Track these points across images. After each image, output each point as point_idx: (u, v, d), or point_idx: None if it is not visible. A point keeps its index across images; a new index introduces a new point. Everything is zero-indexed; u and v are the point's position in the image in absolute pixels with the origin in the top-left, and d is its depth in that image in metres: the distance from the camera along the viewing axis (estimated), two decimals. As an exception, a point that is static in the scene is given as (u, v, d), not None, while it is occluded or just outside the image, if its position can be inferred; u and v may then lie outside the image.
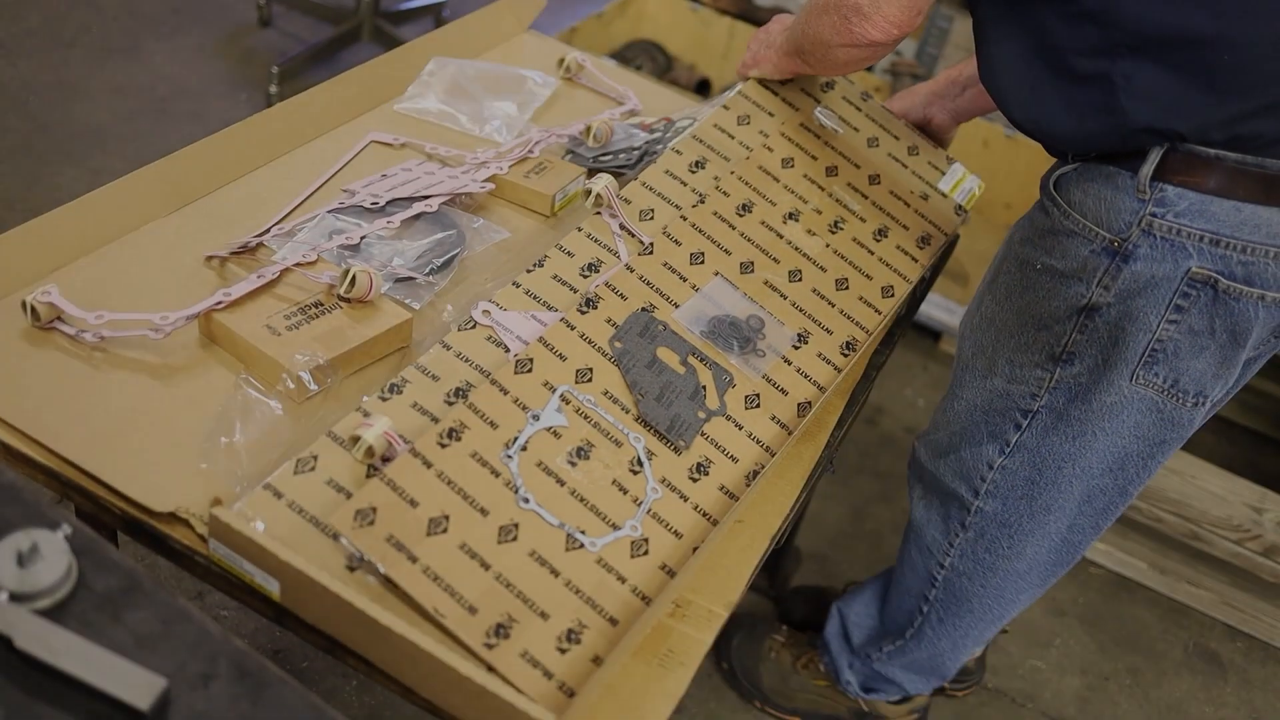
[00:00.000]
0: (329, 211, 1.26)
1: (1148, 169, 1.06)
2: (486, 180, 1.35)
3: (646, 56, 2.85)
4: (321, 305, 1.12)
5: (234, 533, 0.86)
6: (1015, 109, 1.17)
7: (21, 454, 0.97)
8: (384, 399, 0.99)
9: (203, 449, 0.99)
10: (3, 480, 0.74)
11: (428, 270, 1.21)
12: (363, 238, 1.22)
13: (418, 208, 1.27)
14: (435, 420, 0.99)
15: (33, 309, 1.05)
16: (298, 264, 1.15)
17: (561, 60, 1.67)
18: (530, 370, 1.03)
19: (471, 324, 1.07)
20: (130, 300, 1.12)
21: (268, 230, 1.23)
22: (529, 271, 1.13)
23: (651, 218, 1.23)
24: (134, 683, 0.64)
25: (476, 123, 1.51)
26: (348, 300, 1.12)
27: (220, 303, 1.09)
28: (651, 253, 1.18)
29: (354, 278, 1.11)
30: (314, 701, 0.68)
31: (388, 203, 1.28)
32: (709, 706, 1.72)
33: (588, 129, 1.46)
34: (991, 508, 1.33)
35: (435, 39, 1.66)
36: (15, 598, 0.67)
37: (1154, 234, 1.07)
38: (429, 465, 0.93)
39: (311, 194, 1.32)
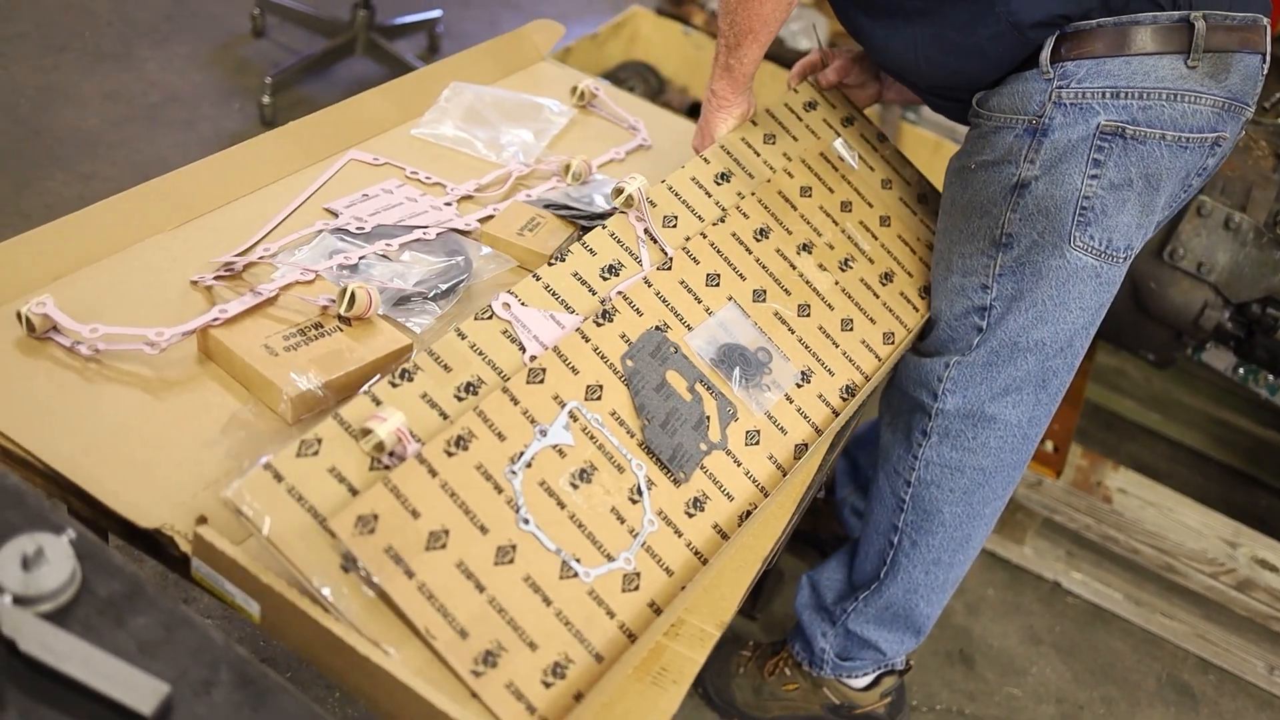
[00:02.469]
0: (331, 231, 1.26)
1: (1045, 54, 1.19)
2: (479, 219, 1.35)
3: (639, 78, 2.87)
4: (321, 327, 1.12)
5: (217, 553, 0.86)
6: (927, 75, 1.30)
7: (19, 457, 0.96)
8: (394, 385, 0.97)
9: (194, 467, 0.99)
10: (6, 484, 0.74)
11: (431, 295, 1.21)
12: (361, 258, 1.22)
13: (418, 234, 1.27)
14: (443, 415, 0.97)
15: (27, 320, 1.05)
16: (296, 282, 1.15)
17: (575, 88, 1.69)
18: (542, 381, 1.03)
19: (489, 314, 1.06)
20: (127, 314, 1.12)
21: (248, 250, 1.22)
22: (550, 265, 1.13)
23: (675, 225, 1.24)
24: (137, 688, 0.65)
25: (493, 149, 1.50)
26: (347, 321, 1.12)
27: (216, 319, 1.09)
28: (670, 268, 1.19)
29: (352, 295, 1.10)
30: (314, 710, 0.68)
31: (374, 228, 1.28)
32: (691, 728, 1.73)
33: (566, 167, 1.46)
34: (952, 404, 1.38)
35: (452, 64, 1.66)
36: (19, 601, 0.67)
37: (1064, 103, 1.19)
38: (434, 474, 0.92)
39: (290, 214, 1.31)
